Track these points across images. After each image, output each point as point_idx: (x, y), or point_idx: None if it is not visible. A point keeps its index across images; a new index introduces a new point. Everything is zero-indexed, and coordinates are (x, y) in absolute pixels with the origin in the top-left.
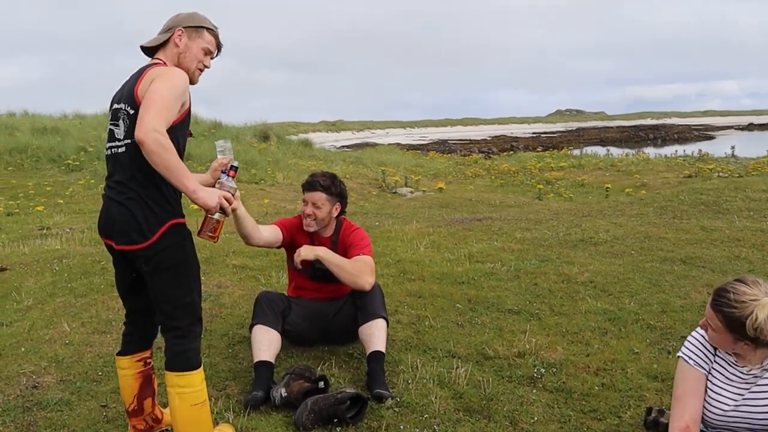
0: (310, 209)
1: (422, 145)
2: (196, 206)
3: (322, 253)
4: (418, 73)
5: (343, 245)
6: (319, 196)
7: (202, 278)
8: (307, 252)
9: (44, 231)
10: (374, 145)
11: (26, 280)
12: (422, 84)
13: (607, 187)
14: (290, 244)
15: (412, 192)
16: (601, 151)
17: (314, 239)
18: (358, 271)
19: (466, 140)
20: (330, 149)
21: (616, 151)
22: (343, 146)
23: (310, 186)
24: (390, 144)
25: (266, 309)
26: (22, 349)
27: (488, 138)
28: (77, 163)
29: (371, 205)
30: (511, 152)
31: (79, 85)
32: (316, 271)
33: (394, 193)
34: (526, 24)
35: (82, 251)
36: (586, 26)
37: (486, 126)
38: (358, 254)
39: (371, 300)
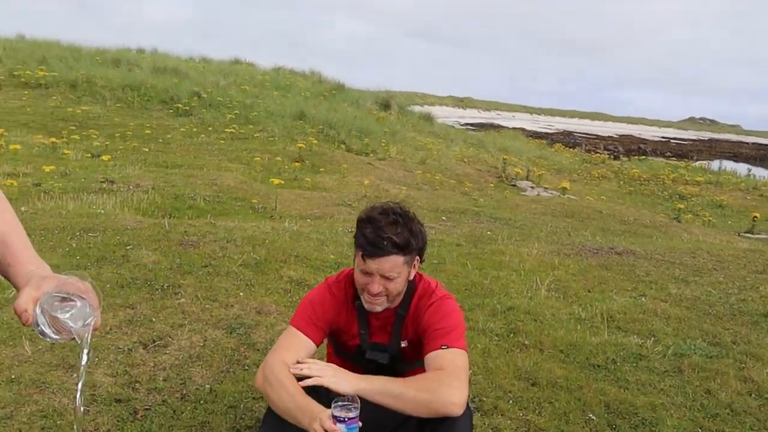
0: (379, 286)
1: (547, 133)
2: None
3: (367, 384)
4: (552, 59)
5: (415, 324)
6: (394, 263)
7: (242, 294)
8: (336, 383)
9: (105, 185)
10: (498, 127)
11: None
12: (555, 71)
13: (755, 217)
14: (333, 332)
15: (532, 187)
16: (735, 166)
17: (369, 317)
18: (435, 390)
19: (592, 135)
20: (453, 125)
21: (758, 172)
22: (467, 124)
23: (376, 249)
24: (515, 128)
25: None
26: None
27: (615, 136)
28: (187, 108)
29: (486, 200)
30: (642, 157)
31: (221, 29)
32: (370, 363)
33: (513, 185)
34: (676, 21)
35: (118, 223)
36: (740, 33)
37: (613, 123)
38: (439, 347)
39: None
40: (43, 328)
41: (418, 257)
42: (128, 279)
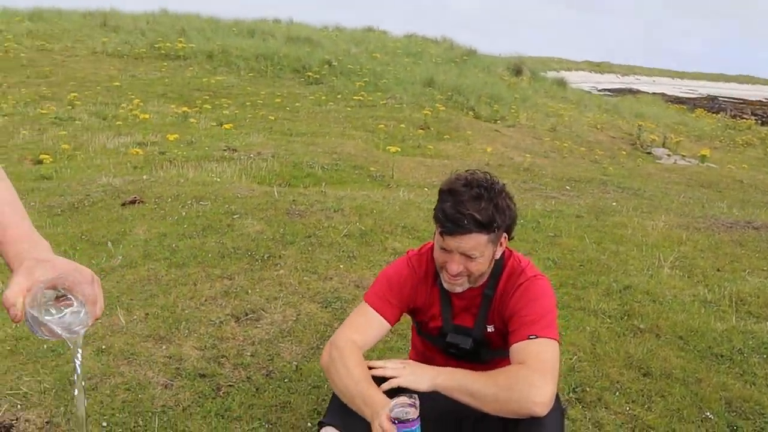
0: (459, 265)
1: (689, 98)
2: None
3: (443, 381)
4: (694, 20)
5: (500, 308)
6: (476, 242)
7: (342, 267)
8: (413, 382)
9: (227, 153)
10: (636, 92)
11: (141, 224)
12: (698, 33)
13: None
14: (411, 311)
15: (669, 155)
16: None
17: (452, 296)
18: (515, 388)
19: (739, 99)
20: (589, 91)
21: None
22: (604, 89)
23: (455, 226)
24: (654, 93)
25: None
26: (23, 355)
27: (764, 99)
28: (317, 76)
29: (616, 169)
30: None
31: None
32: (450, 346)
33: (648, 153)
34: None
35: (230, 191)
36: None
37: (763, 86)
38: (526, 337)
39: None
40: (33, 325)
41: (505, 234)
42: (230, 249)
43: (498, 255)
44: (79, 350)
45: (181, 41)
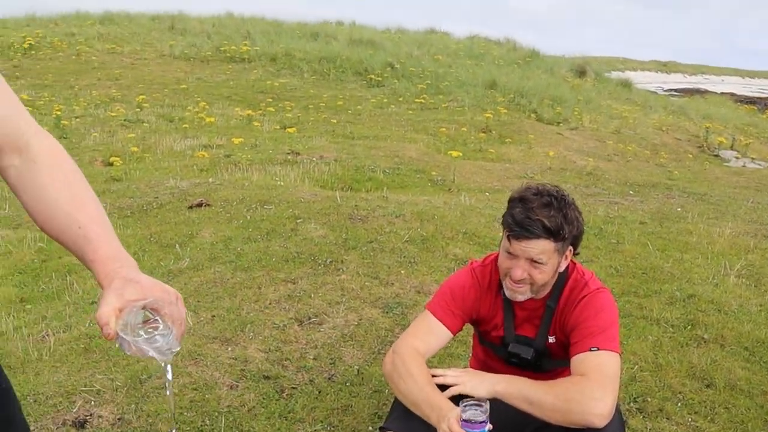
0: (523, 272)
1: (760, 99)
2: None
3: (503, 388)
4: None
5: (563, 320)
6: (543, 248)
7: (404, 272)
8: (475, 388)
9: (290, 156)
10: (704, 92)
11: (207, 226)
12: None
13: None
14: (474, 321)
15: (737, 158)
16: None
17: (514, 306)
18: (575, 399)
19: None
20: (655, 91)
21: None
22: (670, 89)
23: (524, 230)
24: (722, 93)
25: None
26: (96, 353)
27: None
28: (379, 78)
29: (682, 173)
30: None
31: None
32: (512, 356)
33: (716, 156)
34: None
35: (294, 195)
36: None
37: None
38: (588, 349)
39: None
40: (123, 344)
41: (571, 247)
42: (294, 253)
43: (562, 267)
44: (169, 366)
45: (245, 44)
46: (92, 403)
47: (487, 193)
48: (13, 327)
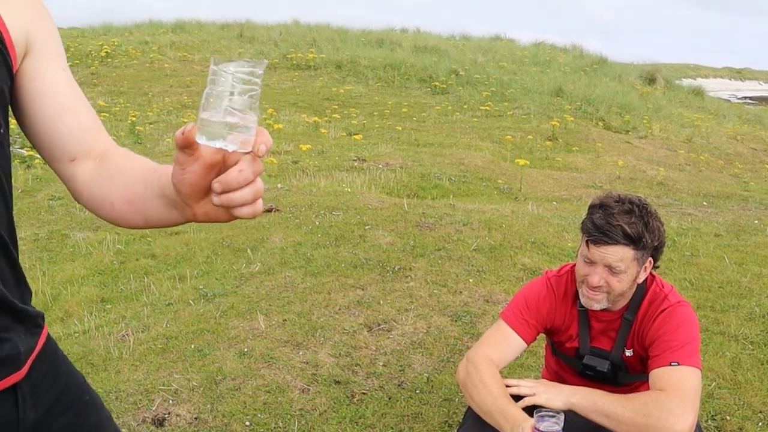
0: (600, 279)
1: None
2: None
3: (578, 400)
4: None
5: (641, 334)
6: (622, 255)
7: (472, 281)
8: (549, 400)
9: (356, 163)
10: None
11: (276, 231)
12: None
13: None
14: (548, 331)
15: None
16: None
17: (590, 318)
18: (653, 414)
19: None
20: (729, 99)
21: None
22: (745, 97)
23: (603, 235)
24: None
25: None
26: (173, 353)
27: None
28: (444, 86)
29: (758, 184)
30: None
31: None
32: (586, 368)
33: None
34: None
35: (361, 202)
36: None
37: None
38: (668, 363)
39: None
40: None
41: (651, 259)
42: (362, 259)
43: (641, 279)
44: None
45: (311, 51)
46: (170, 401)
47: (555, 203)
48: (95, 326)
